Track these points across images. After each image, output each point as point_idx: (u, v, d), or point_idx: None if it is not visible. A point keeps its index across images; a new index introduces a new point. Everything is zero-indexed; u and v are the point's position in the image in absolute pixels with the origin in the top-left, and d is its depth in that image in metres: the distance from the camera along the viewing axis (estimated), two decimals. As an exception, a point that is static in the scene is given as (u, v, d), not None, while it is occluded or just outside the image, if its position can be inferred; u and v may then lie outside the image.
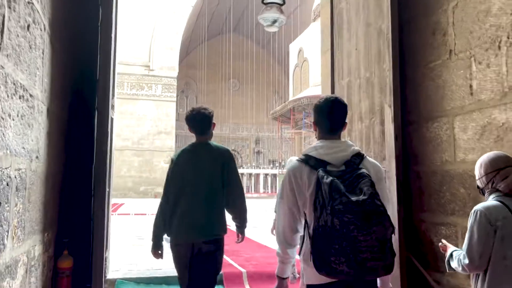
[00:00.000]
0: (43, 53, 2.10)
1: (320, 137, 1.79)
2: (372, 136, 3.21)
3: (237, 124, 40.21)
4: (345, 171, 1.61)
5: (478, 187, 1.91)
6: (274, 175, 30.74)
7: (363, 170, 1.61)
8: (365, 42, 3.33)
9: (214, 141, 2.64)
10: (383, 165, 3.05)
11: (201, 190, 2.45)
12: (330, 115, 1.74)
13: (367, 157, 1.77)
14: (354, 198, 1.47)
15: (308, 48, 16.11)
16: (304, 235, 1.68)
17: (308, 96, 15.01)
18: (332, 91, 3.96)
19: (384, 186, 1.78)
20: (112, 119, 3.50)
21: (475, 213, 1.75)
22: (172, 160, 2.58)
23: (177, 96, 27.57)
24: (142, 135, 25.51)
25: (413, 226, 3.04)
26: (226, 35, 38.12)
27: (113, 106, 3.52)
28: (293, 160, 5.27)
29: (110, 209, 3.18)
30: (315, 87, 15.49)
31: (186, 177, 2.49)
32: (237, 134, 40.52)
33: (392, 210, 2.93)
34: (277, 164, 32.95)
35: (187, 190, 2.46)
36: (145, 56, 25.94)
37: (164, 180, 2.59)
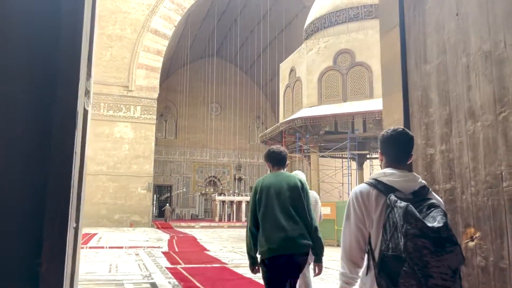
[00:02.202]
0: None
1: (386, 166, 1.82)
2: (503, 140, 2.04)
3: (217, 149, 38.89)
4: (412, 200, 1.63)
5: None
6: (257, 203, 29.28)
7: (434, 201, 1.64)
8: (480, 0, 2.21)
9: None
10: (536, 185, 1.88)
11: (286, 209, 2.72)
12: (397, 147, 1.80)
13: (432, 191, 1.78)
14: (430, 224, 1.49)
15: (301, 67, 15.17)
16: (368, 257, 1.73)
17: (302, 117, 13.93)
18: (405, 81, 2.81)
19: None
20: (86, 111, 2.23)
21: None
22: (255, 189, 2.88)
23: (156, 119, 26.13)
24: (119, 159, 23.83)
25: None
26: (208, 59, 37.28)
27: (88, 92, 2.25)
28: (298, 174, 4.31)
29: (79, 261, 1.85)
30: (309, 108, 14.48)
31: (271, 198, 2.77)
32: (217, 160, 39.14)
33: None
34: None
35: (273, 210, 2.73)
36: (124, 76, 24.62)
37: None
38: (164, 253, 9.40)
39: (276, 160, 2.98)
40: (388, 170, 1.76)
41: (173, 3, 25.51)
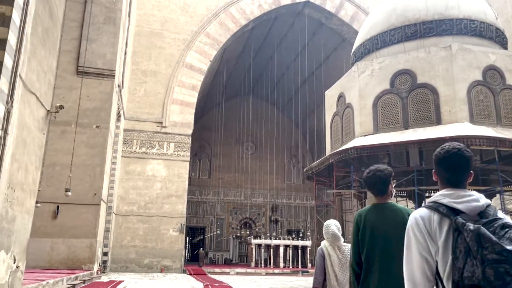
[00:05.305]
0: None
1: (443, 187, 1.67)
2: None
3: (252, 189, 37.10)
4: (480, 222, 1.47)
5: None
6: (296, 247, 26.93)
7: (507, 220, 1.48)
8: None
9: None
10: None
11: (394, 252, 2.38)
12: (450, 170, 1.64)
13: (499, 210, 1.62)
14: (509, 247, 1.35)
15: (351, 92, 13.51)
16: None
17: (356, 147, 12.08)
18: None
19: None
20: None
21: None
22: (356, 224, 2.58)
23: (190, 158, 24.83)
24: (150, 198, 22.42)
25: None
26: (243, 97, 36.36)
27: None
28: (331, 225, 3.62)
29: None
30: (363, 136, 12.64)
31: (376, 240, 2.49)
32: (252, 200, 37.23)
33: None
34: (301, 235, 29.15)
35: (379, 253, 2.47)
36: (157, 112, 23.71)
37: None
38: (198, 310, 7.50)
39: (379, 186, 2.59)
40: (446, 192, 1.62)
41: (208, 38, 24.89)
